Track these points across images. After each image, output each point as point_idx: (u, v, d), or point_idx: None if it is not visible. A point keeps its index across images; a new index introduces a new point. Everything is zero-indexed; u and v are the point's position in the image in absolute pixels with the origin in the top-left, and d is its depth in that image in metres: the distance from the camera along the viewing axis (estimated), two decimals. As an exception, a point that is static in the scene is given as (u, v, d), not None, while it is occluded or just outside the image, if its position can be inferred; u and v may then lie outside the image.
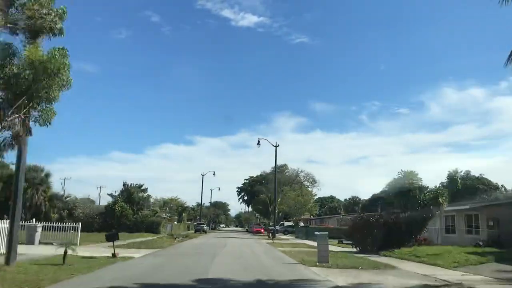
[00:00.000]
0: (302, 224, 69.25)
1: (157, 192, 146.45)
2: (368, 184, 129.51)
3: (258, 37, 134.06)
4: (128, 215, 48.22)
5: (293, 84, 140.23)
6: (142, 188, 52.44)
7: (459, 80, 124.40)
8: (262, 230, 67.80)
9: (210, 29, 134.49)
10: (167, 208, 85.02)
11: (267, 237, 50.47)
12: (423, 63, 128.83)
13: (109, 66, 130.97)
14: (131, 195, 50.07)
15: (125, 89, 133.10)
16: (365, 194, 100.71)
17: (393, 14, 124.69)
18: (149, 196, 52.55)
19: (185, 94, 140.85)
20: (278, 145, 44.68)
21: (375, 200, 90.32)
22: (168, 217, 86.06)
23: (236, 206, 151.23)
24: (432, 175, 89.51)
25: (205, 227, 64.19)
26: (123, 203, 48.50)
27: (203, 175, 72.10)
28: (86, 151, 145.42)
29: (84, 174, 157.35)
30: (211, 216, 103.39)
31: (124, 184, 51.07)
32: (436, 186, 33.68)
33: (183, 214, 76.70)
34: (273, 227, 44.35)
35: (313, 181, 69.74)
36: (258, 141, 44.08)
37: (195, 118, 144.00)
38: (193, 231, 64.62)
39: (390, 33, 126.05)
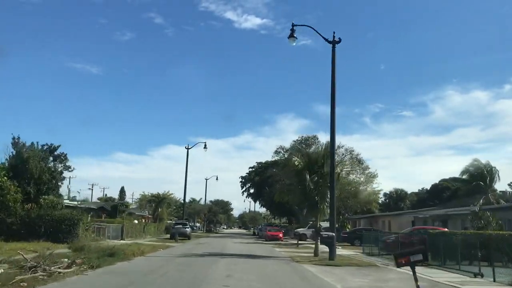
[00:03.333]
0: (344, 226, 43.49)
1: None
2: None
3: (261, 39, 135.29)
4: (12, 203, 22.58)
5: (296, 86, 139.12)
6: (56, 153, 26.64)
7: (462, 82, 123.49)
8: (281, 235, 42.51)
9: (213, 31, 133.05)
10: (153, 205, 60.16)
11: (296, 247, 25.14)
12: (426, 66, 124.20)
13: (113, 68, 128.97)
14: (23, 163, 24.32)
15: (128, 91, 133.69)
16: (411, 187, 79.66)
17: (396, 16, 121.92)
18: (67, 168, 26.59)
19: (188, 95, 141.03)
20: (339, 41, 19.13)
21: (439, 191, 64.56)
22: (149, 215, 61.03)
23: (239, 207, 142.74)
24: (435, 177, 75.13)
25: (187, 229, 38.51)
26: (5, 178, 22.82)
27: (187, 148, 46.31)
28: (89, 152, 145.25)
29: (88, 175, 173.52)
30: (206, 215, 77.38)
31: (14, 142, 25.34)
32: None
33: (160, 209, 50.83)
34: (327, 232, 18.16)
35: (358, 161, 43.14)
36: (292, 30, 18.67)
37: (199, 120, 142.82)
38: (170, 236, 38.99)
39: (394, 35, 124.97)
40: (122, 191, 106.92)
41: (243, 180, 76.57)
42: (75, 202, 45.88)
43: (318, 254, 19.64)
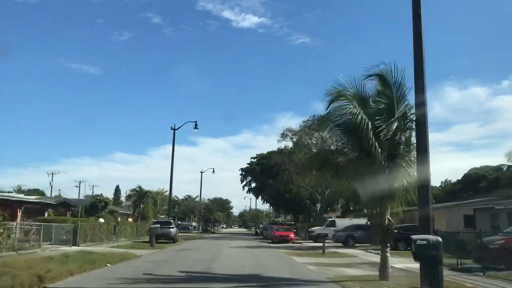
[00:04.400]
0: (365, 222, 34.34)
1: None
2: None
3: (259, 38, 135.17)
4: None
5: (295, 85, 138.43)
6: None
7: (461, 79, 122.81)
8: (292, 236, 33.69)
9: (211, 30, 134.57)
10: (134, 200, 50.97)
11: (322, 253, 16.58)
12: (424, 63, 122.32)
13: (111, 68, 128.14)
14: None
15: (127, 91, 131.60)
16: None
17: (394, 13, 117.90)
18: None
19: (186, 95, 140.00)
20: None
21: (473, 180, 55.37)
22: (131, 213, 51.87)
23: (239, 206, 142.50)
24: (435, 174, 69.80)
25: (171, 229, 29.34)
26: None
27: (174, 129, 36.92)
28: (89, 152, 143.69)
29: (88, 175, 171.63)
30: (201, 212, 68.15)
31: None
32: None
33: (142, 206, 41.58)
34: (427, 236, 8.80)
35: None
36: None
37: (197, 119, 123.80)
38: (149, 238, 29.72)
39: (391, 32, 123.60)
40: (117, 190, 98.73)
41: (243, 173, 67.08)
42: (33, 197, 36.80)
43: (388, 276, 10.44)
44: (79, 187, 73.67)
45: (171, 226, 30.05)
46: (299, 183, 45.65)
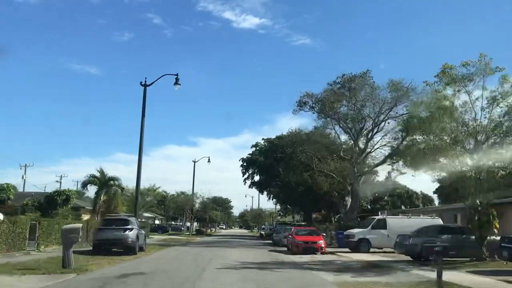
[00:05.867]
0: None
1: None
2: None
3: (259, 38, 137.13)
4: None
5: (295, 85, 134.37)
6: None
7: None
8: (322, 242, 21.88)
9: (211, 31, 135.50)
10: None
11: None
12: (424, 64, 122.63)
13: (112, 68, 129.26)
14: None
15: (127, 91, 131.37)
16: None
17: (394, 14, 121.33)
18: None
19: (187, 96, 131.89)
20: None
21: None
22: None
23: (240, 206, 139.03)
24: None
25: (127, 232, 17.78)
26: None
27: (145, 85, 25.07)
28: (90, 152, 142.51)
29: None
30: (193, 210, 56.07)
31: None
32: None
33: (104, 197, 29.75)
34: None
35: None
36: None
37: (198, 120, 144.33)
38: (93, 246, 17.91)
39: (391, 33, 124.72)
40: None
41: (245, 164, 55.09)
42: None
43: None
44: (60, 182, 63.06)
45: (128, 227, 18.12)
46: (321, 169, 33.88)
